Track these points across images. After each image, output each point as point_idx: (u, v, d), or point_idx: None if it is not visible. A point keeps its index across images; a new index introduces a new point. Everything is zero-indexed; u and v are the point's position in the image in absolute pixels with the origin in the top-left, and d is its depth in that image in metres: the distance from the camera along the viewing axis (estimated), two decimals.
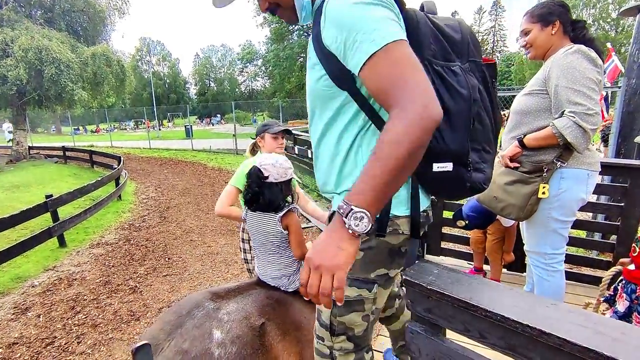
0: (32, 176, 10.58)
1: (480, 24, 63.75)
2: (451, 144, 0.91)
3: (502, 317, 0.71)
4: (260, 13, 30.47)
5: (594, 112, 1.57)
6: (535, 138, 1.75)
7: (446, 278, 0.86)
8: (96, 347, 2.81)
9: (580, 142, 1.61)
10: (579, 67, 1.60)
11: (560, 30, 1.75)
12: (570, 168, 1.73)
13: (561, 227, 1.81)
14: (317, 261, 0.73)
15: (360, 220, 0.72)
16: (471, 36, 1.02)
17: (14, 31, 12.03)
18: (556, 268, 1.86)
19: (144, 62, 61.93)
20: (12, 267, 4.34)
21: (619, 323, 0.72)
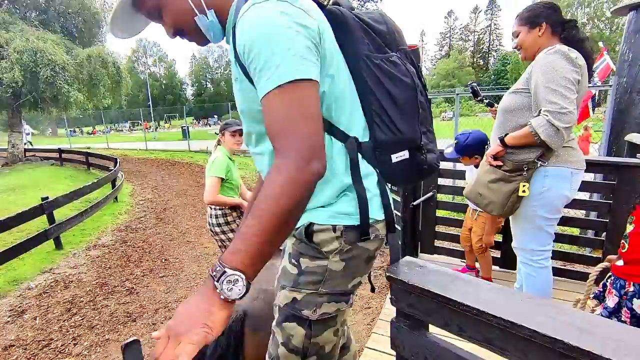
0: (28, 179, 10.56)
1: (476, 23, 64.01)
2: (406, 132, 0.93)
3: (478, 310, 0.75)
4: None
5: (567, 110, 1.60)
6: (514, 137, 1.80)
7: (427, 274, 0.90)
8: (92, 349, 2.83)
9: (554, 140, 1.65)
10: (557, 66, 1.64)
11: (547, 31, 1.80)
12: (554, 166, 1.77)
13: (547, 224, 1.86)
14: (177, 329, 0.63)
15: (234, 284, 0.65)
16: (394, 26, 1.03)
17: (8, 33, 11.99)
18: (543, 264, 1.91)
19: (140, 63, 61.86)
20: (8, 269, 4.35)
21: (587, 315, 0.75)
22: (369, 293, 3.39)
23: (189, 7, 0.87)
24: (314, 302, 0.95)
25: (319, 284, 0.94)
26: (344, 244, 0.92)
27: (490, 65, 59.46)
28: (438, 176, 3.24)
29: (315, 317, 0.95)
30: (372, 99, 0.92)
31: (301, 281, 0.96)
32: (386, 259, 4.06)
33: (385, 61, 0.93)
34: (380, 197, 0.97)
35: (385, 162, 0.94)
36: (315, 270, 0.94)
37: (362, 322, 2.99)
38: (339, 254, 0.93)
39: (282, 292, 0.99)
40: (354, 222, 0.92)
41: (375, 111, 0.92)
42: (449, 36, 66.60)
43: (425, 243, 3.45)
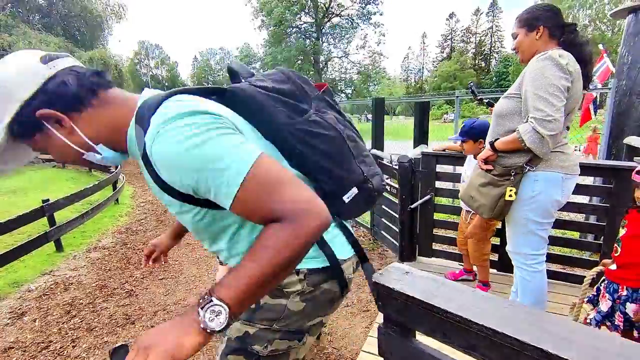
0: (30, 181, 10.62)
1: (477, 25, 63.98)
2: (348, 176, 0.99)
3: (461, 317, 0.75)
4: (258, 15, 30.58)
5: (552, 118, 1.61)
6: (503, 142, 1.83)
7: (413, 281, 0.90)
8: (91, 351, 2.84)
9: (538, 147, 1.67)
10: (546, 73, 1.65)
11: (545, 35, 1.80)
12: (544, 171, 1.79)
13: (539, 229, 1.87)
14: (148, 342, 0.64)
15: (216, 316, 0.66)
16: (298, 76, 1.03)
17: (11, 36, 12.10)
18: (536, 269, 1.92)
19: (142, 65, 62.11)
20: (9, 271, 4.37)
21: (570, 323, 0.76)
22: (368, 296, 3.39)
23: (76, 149, 0.84)
24: (266, 338, 0.98)
25: (274, 321, 0.97)
26: (307, 286, 0.97)
27: (492, 67, 59.42)
28: (436, 179, 3.25)
29: (266, 353, 0.98)
30: (308, 161, 0.95)
31: (256, 316, 0.98)
32: (385, 261, 4.07)
33: (307, 122, 0.94)
34: (343, 236, 1.04)
35: (339, 204, 0.98)
36: (273, 307, 0.98)
37: (359, 325, 2.99)
38: (299, 295, 0.97)
39: (234, 324, 0.99)
40: (318, 265, 0.97)
41: (315, 170, 0.96)
42: (450, 38, 66.59)
43: (423, 246, 3.45)
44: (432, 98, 15.96)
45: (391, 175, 4.10)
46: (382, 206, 4.28)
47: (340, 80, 34.17)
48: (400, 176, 3.36)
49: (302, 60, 30.30)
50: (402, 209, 3.37)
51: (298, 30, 31.07)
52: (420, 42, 73.05)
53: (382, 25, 31.17)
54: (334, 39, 32.60)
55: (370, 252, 4.34)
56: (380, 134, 4.91)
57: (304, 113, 0.96)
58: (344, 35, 32.04)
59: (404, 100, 16.41)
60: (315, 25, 30.86)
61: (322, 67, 32.60)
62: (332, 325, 3.00)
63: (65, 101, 0.79)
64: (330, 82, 33.40)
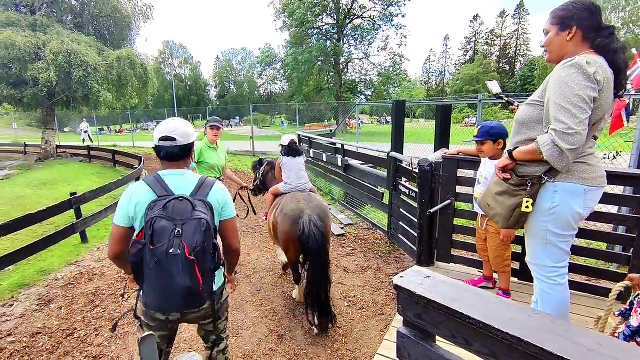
0: (59, 174, 11.06)
1: (503, 27, 62.49)
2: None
3: (485, 324, 0.74)
4: (280, 17, 30.83)
5: (574, 131, 1.51)
6: (522, 152, 1.75)
7: (435, 285, 0.90)
8: (113, 340, 2.94)
9: (557, 161, 1.58)
10: (571, 82, 1.55)
11: (578, 37, 1.67)
12: (564, 182, 1.70)
13: (560, 241, 1.78)
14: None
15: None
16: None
17: (46, 35, 12.62)
18: (557, 282, 1.83)
19: (166, 64, 63.61)
20: (38, 260, 4.57)
21: (598, 335, 0.73)
22: (384, 299, 3.37)
23: None
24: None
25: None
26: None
27: (517, 71, 57.88)
28: (456, 184, 3.20)
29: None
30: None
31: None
32: (402, 265, 4.03)
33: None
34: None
35: (149, 302, 1.69)
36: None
37: (375, 328, 2.98)
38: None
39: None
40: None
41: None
42: (474, 41, 65.32)
43: (441, 251, 3.40)
44: (455, 101, 15.67)
45: (410, 179, 4.06)
46: (400, 209, 4.24)
47: (360, 82, 34.02)
48: (420, 180, 3.32)
49: (323, 62, 30.32)
50: (422, 213, 3.33)
51: (319, 31, 31.13)
52: (443, 44, 71.97)
53: (404, 27, 30.93)
54: (355, 41, 32.47)
55: (386, 256, 4.31)
56: (400, 136, 4.87)
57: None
58: (365, 37, 31.87)
59: (426, 102, 16.21)
60: (337, 27, 30.83)
61: (343, 69, 32.54)
62: (346, 327, 3.00)
63: None
64: (350, 83, 33.27)
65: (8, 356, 2.76)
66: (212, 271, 1.62)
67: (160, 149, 1.68)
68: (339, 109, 31.16)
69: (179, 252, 1.42)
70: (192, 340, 2.89)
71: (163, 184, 1.62)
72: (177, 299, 1.50)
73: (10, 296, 3.72)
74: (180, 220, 1.48)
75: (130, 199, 1.59)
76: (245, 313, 3.25)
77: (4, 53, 11.60)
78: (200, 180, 1.71)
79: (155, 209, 1.49)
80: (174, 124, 1.71)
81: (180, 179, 1.68)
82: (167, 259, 1.42)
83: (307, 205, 3.00)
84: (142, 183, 1.64)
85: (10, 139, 24.77)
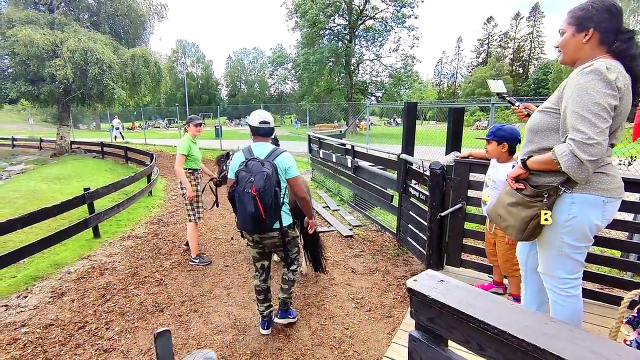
0: (73, 169, 11.26)
1: (517, 30, 61.69)
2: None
3: (500, 330, 0.74)
4: (292, 17, 30.92)
5: (594, 142, 1.43)
6: (536, 161, 1.68)
7: (449, 290, 0.89)
8: (123, 334, 2.98)
9: (576, 172, 1.50)
10: (591, 90, 1.47)
11: (595, 39, 1.58)
12: (582, 193, 1.62)
13: (575, 252, 1.71)
14: None
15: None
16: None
17: (63, 33, 12.88)
18: (571, 293, 1.77)
19: (179, 63, 64.31)
20: (52, 253, 4.66)
21: (615, 344, 0.72)
22: (392, 302, 3.36)
23: None
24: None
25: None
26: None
27: (530, 74, 57.06)
28: (468, 187, 3.17)
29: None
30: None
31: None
32: (410, 267, 4.01)
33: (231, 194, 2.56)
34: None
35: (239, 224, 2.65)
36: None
37: (382, 330, 2.97)
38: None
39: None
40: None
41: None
42: (487, 43, 64.62)
43: (451, 255, 3.37)
44: (467, 104, 15.52)
45: (421, 181, 4.03)
46: (409, 212, 4.22)
47: (371, 83, 33.91)
48: (431, 183, 3.30)
49: (334, 62, 30.29)
50: (432, 217, 3.31)
51: (331, 32, 31.11)
52: (455, 46, 71.36)
53: (417, 28, 30.67)
54: (367, 42, 32.37)
55: (395, 258, 4.29)
56: (411, 138, 4.84)
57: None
58: (376, 38, 31.76)
59: (438, 104, 16.09)
60: (349, 28, 30.78)
61: (354, 70, 32.47)
62: (353, 328, 2.99)
63: None
64: (361, 84, 33.19)
65: (22, 346, 2.82)
66: (276, 207, 2.50)
67: (259, 129, 2.69)
68: (349, 110, 31.11)
69: (249, 191, 2.40)
70: (200, 337, 2.92)
71: (251, 152, 2.64)
72: (248, 221, 2.48)
73: (25, 288, 3.80)
74: (253, 173, 2.44)
75: (233, 162, 2.70)
76: (252, 311, 3.27)
77: (23, 50, 11.87)
78: (272, 150, 2.64)
79: (241, 166, 2.53)
80: (267, 114, 2.73)
81: (262, 147, 2.66)
82: (243, 195, 2.43)
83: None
84: (240, 151, 2.75)
85: (26, 134, 25.33)
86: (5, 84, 12.92)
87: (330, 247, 4.77)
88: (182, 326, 3.07)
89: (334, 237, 5.14)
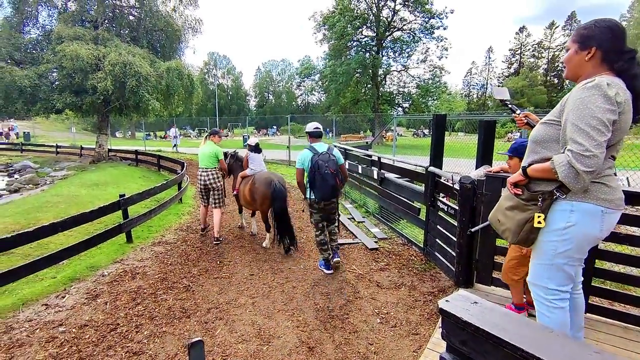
0: (109, 176, 11.84)
1: (551, 39, 59.72)
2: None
3: (538, 358, 0.70)
4: (320, 29, 31.44)
5: (591, 154, 1.49)
6: (536, 169, 1.74)
7: (483, 312, 0.86)
8: (151, 338, 3.06)
9: (572, 182, 1.56)
10: (591, 104, 1.53)
11: (597, 57, 1.65)
12: (582, 202, 1.65)
13: (566, 264, 1.73)
14: None
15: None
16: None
17: (105, 48, 13.71)
18: (557, 305, 1.78)
19: (210, 75, 66.66)
20: (88, 256, 4.89)
21: None
22: (418, 318, 3.27)
23: None
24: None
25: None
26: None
27: (566, 85, 54.83)
28: None
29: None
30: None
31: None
32: (438, 283, 3.90)
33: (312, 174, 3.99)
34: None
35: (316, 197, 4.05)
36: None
37: (408, 347, 2.89)
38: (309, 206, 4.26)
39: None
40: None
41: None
42: (519, 53, 62.88)
43: (482, 273, 3.26)
44: (498, 116, 15.10)
45: (449, 195, 3.94)
46: (437, 226, 4.12)
47: (398, 94, 33.72)
48: (460, 197, 3.22)
49: (361, 74, 30.41)
50: (461, 232, 3.21)
51: (358, 43, 31.32)
52: (485, 56, 69.84)
53: (446, 39, 30.33)
54: (394, 53, 32.32)
55: (421, 273, 4.19)
56: (439, 151, 4.75)
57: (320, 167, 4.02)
58: (404, 49, 31.64)
59: (467, 117, 15.74)
60: (376, 39, 30.91)
61: (380, 81, 32.44)
62: (378, 344, 2.93)
63: None
64: (388, 95, 33.07)
65: (59, 344, 2.96)
66: (340, 181, 4.07)
67: (314, 133, 4.14)
68: (375, 121, 31.00)
69: (329, 172, 3.89)
70: (225, 345, 2.95)
71: (314, 149, 4.04)
72: (328, 191, 3.93)
73: (63, 288, 4.00)
74: (326, 161, 3.93)
75: (304, 157, 4.05)
76: (276, 322, 3.28)
77: (70, 64, 12.72)
78: (329, 146, 4.14)
79: (315, 158, 3.95)
80: (317, 123, 4.20)
81: (320, 146, 4.09)
82: (325, 174, 3.88)
83: (274, 176, 5.06)
84: (307, 150, 4.05)
85: (69, 141, 26.95)
86: (52, 95, 13.86)
87: (355, 260, 4.73)
88: (208, 333, 3.12)
89: (359, 250, 5.09)
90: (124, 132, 47.39)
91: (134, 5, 16.09)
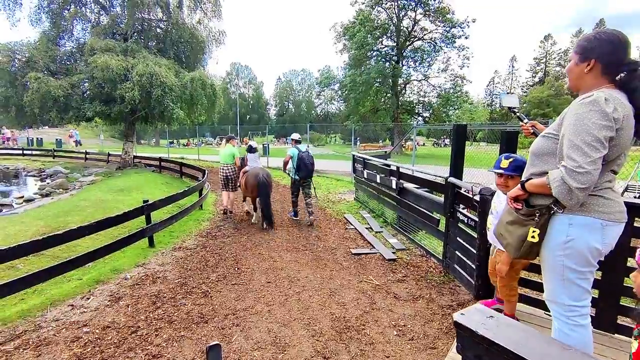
0: (134, 182, 12.23)
1: None
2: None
3: None
4: (340, 40, 31.74)
5: (584, 170, 1.47)
6: (533, 184, 1.74)
7: (500, 327, 0.85)
8: (170, 342, 3.13)
9: (565, 198, 1.55)
10: (587, 120, 1.51)
11: (597, 69, 1.62)
12: (580, 215, 1.63)
13: (578, 278, 1.69)
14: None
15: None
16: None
17: (134, 59, 14.32)
18: (578, 322, 1.73)
19: (232, 84, 68.26)
20: (112, 259, 5.06)
21: None
22: (436, 332, 3.21)
23: None
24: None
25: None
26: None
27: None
28: None
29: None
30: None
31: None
32: (457, 297, 3.81)
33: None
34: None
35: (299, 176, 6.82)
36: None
37: None
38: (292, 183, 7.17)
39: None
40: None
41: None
42: (544, 62, 61.40)
43: None
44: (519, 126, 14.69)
45: (470, 206, 3.87)
46: (457, 238, 4.05)
47: (418, 103, 33.47)
48: (481, 209, 3.16)
49: (380, 83, 30.38)
50: (481, 244, 3.15)
51: (379, 53, 31.38)
52: (508, 65, 68.58)
53: (467, 48, 29.97)
54: (415, 62, 32.16)
55: (440, 286, 4.11)
56: (460, 161, 4.69)
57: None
58: (424, 59, 31.46)
59: (489, 127, 15.45)
60: (396, 49, 30.91)
61: (400, 90, 32.30)
62: (394, 357, 2.89)
63: None
64: (408, 104, 32.87)
65: (82, 345, 3.06)
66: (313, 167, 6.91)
67: (297, 140, 6.97)
68: (395, 130, 30.81)
69: (310, 162, 6.80)
70: (241, 352, 2.97)
71: (299, 149, 6.78)
72: (308, 173, 6.81)
73: (88, 290, 4.15)
74: (308, 157, 6.78)
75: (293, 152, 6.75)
76: (292, 330, 3.28)
77: (100, 75, 13.34)
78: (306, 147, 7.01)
79: (300, 153, 6.71)
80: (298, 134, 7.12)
81: (302, 146, 6.86)
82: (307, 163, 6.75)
83: (261, 171, 6.74)
84: (294, 149, 6.77)
85: (97, 148, 28.06)
86: (84, 104, 14.54)
87: (372, 270, 4.69)
88: (225, 339, 3.15)
89: (377, 260, 5.05)
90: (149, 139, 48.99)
91: (161, 18, 16.76)
